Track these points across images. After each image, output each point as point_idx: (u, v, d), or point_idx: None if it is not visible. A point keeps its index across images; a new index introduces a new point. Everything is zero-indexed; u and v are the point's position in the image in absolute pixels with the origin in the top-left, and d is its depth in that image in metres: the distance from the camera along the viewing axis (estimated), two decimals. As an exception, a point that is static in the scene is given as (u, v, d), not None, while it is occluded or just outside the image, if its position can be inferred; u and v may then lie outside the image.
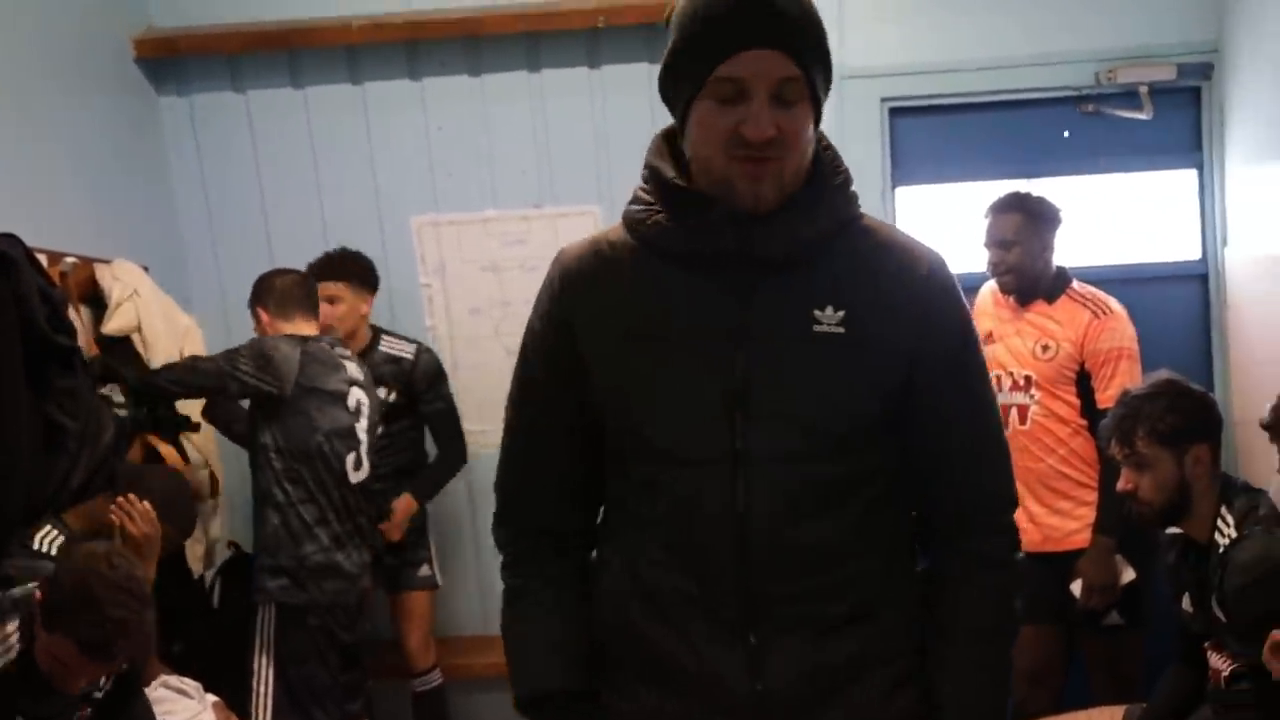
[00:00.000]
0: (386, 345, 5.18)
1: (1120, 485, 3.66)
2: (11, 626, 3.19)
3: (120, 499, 3.92)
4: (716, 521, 1.99)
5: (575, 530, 2.24)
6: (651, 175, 2.05)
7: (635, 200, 2.09)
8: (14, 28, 4.52)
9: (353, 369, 4.58)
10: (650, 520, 2.09)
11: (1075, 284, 4.49)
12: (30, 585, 3.28)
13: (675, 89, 1.96)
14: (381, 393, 4.93)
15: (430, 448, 5.30)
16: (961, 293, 2.10)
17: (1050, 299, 4.46)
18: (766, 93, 1.85)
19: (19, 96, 4.50)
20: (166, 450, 4.43)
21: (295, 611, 4.36)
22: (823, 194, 2.01)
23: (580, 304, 2.09)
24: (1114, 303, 4.43)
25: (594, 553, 2.27)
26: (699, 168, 1.96)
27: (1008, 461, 2.19)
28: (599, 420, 2.13)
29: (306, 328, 4.58)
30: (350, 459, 4.50)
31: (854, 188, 2.10)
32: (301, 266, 4.94)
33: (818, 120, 1.97)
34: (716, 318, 2.01)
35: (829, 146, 2.05)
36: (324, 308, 4.82)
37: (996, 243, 4.45)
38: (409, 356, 5.15)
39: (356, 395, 4.51)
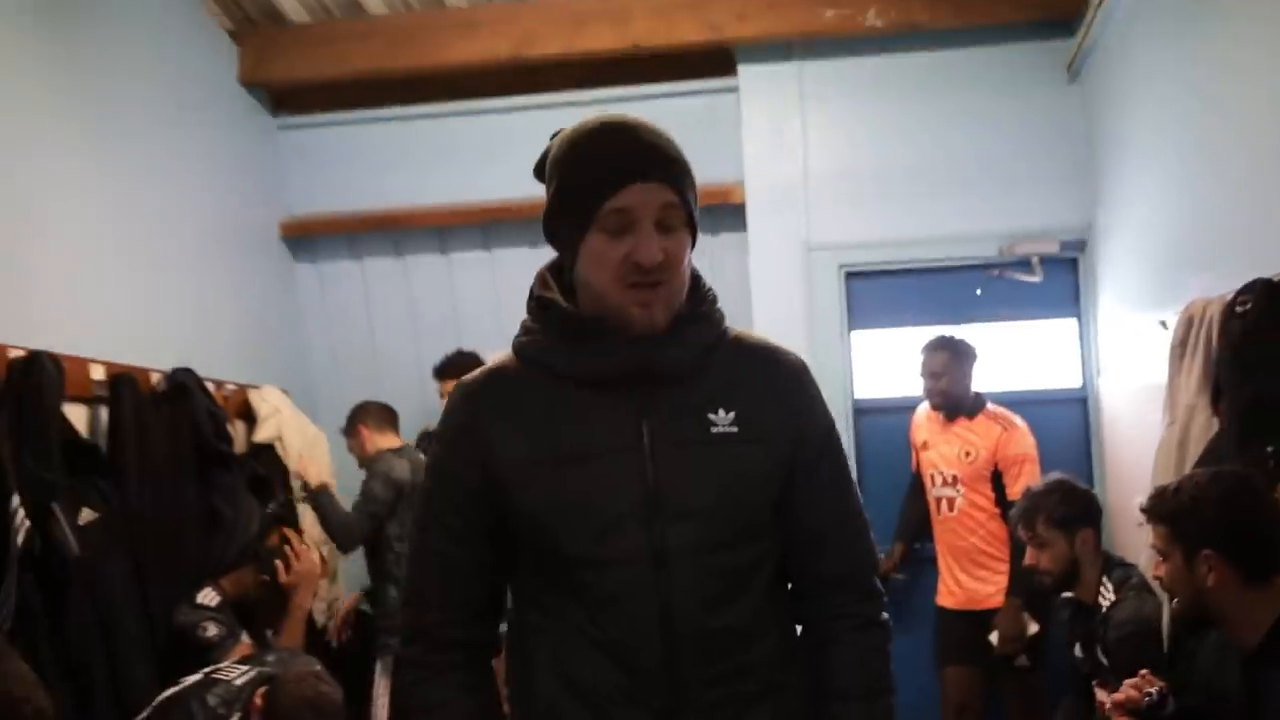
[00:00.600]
0: None
1: (1026, 560, 3.63)
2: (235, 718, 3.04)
3: (292, 539, 3.91)
4: (643, 617, 1.74)
5: (484, 641, 1.89)
6: (541, 306, 1.84)
7: (526, 331, 1.86)
8: (192, 215, 4.59)
9: None
10: (574, 622, 1.78)
11: (989, 405, 4.49)
12: (249, 680, 3.10)
13: (563, 227, 1.77)
14: None
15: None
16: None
17: (970, 416, 4.46)
18: (651, 220, 1.69)
19: (194, 266, 4.57)
20: (294, 537, 4.41)
21: None
22: (701, 309, 1.82)
23: (491, 429, 1.79)
24: (1018, 419, 4.44)
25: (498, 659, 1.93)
26: (591, 296, 1.76)
27: (869, 531, 1.93)
28: (509, 536, 1.82)
29: (395, 440, 4.68)
30: None
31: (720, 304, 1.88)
32: (401, 393, 4.95)
33: (694, 243, 1.79)
34: (625, 432, 1.77)
35: (693, 268, 1.83)
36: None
37: (930, 374, 4.47)
38: None
39: None
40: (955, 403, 4.47)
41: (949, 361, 4.45)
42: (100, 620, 3.27)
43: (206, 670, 3.15)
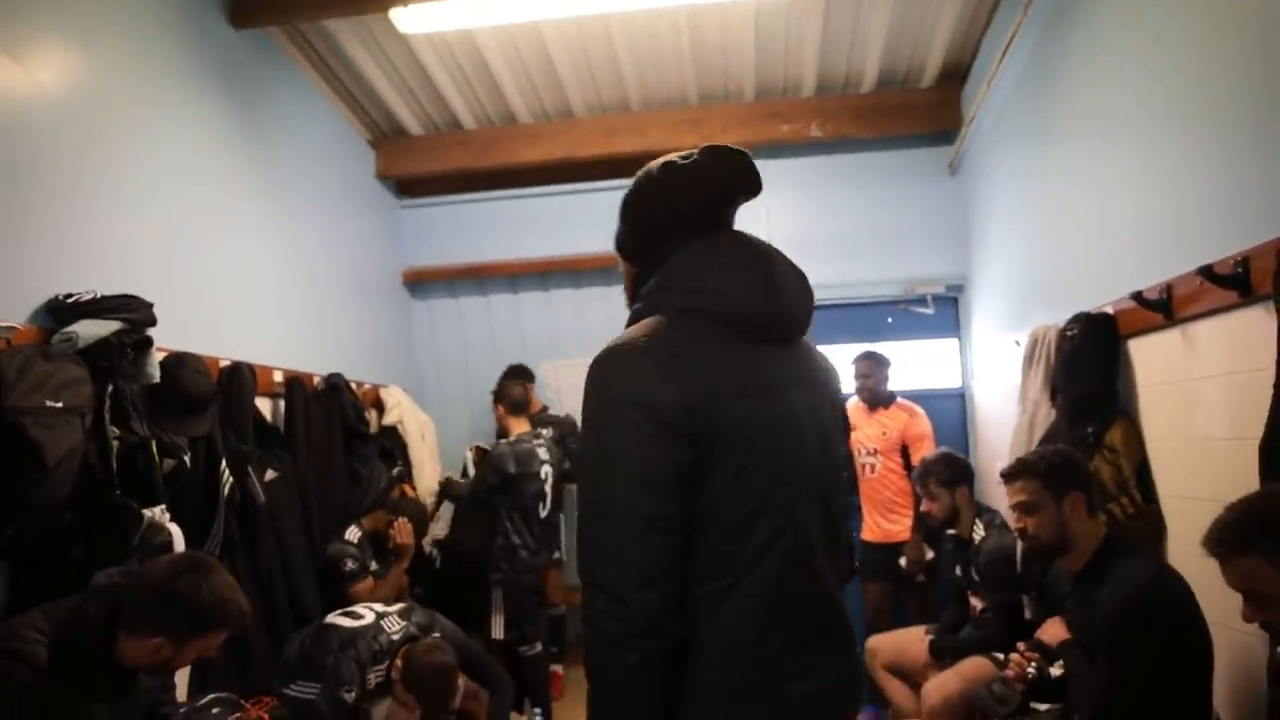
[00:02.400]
0: (552, 410, 5.11)
1: (923, 508, 3.66)
2: (380, 668, 3.02)
3: (395, 522, 3.87)
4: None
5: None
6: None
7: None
8: (343, 267, 4.60)
9: (542, 453, 4.27)
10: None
11: (899, 399, 4.49)
12: (401, 638, 3.09)
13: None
14: (548, 431, 4.53)
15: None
16: (590, 376, 1.41)
17: (886, 406, 4.46)
18: None
19: (344, 302, 4.57)
20: (410, 491, 4.42)
21: (509, 586, 4.24)
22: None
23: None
24: (919, 409, 4.44)
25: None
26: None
27: (582, 532, 1.34)
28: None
29: (523, 425, 4.41)
30: (540, 505, 4.28)
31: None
32: (482, 392, 4.86)
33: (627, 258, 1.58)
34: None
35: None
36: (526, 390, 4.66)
37: (859, 375, 4.46)
38: (563, 416, 4.98)
39: (545, 469, 4.27)
40: (876, 397, 4.46)
41: (872, 368, 4.45)
42: (279, 549, 3.29)
43: (378, 613, 3.13)
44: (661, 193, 1.51)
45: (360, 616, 3.13)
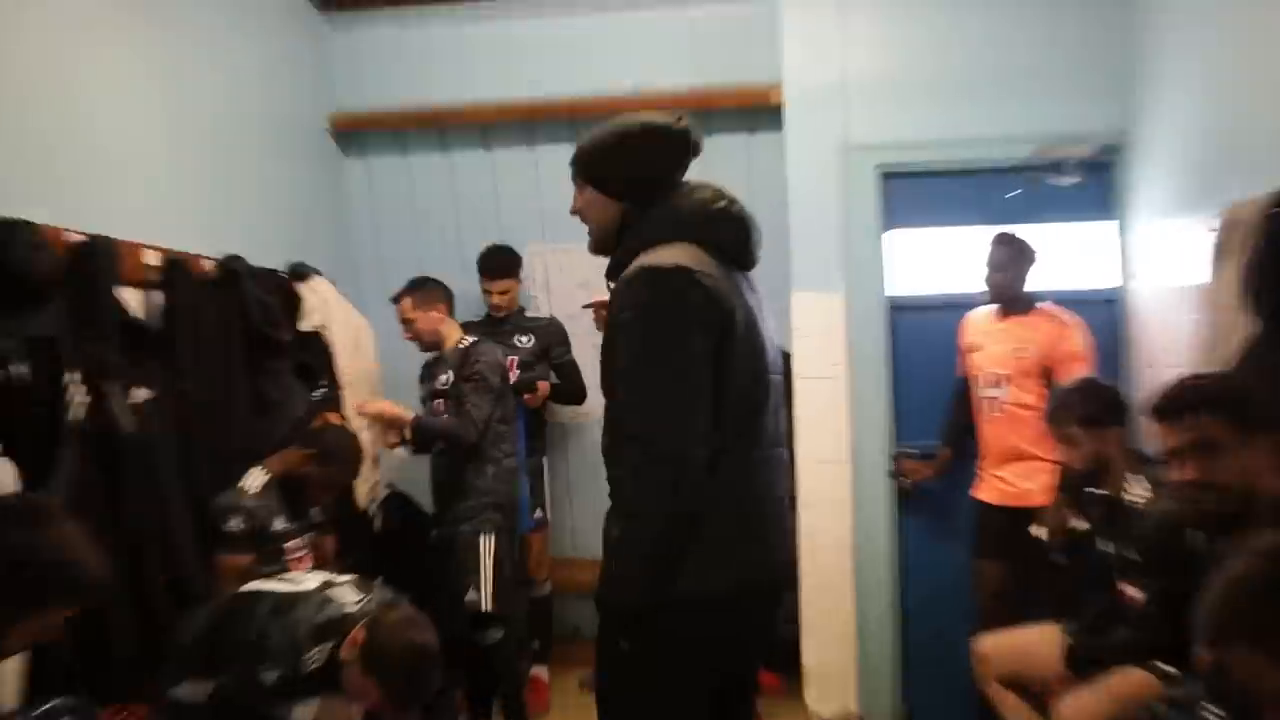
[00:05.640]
0: (530, 313, 5.34)
1: (1056, 456, 3.63)
2: (323, 647, 2.97)
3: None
4: None
5: None
6: None
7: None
8: (242, 107, 4.61)
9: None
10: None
11: (1041, 303, 4.46)
12: (349, 613, 3.04)
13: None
14: (526, 339, 5.13)
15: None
16: (638, 285, 2.36)
17: (1024, 313, 4.43)
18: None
19: (248, 156, 4.61)
20: (337, 419, 4.42)
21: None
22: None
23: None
24: (1071, 317, 4.41)
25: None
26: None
27: (641, 401, 2.34)
28: None
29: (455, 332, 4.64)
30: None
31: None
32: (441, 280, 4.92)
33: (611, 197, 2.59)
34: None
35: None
36: (500, 298, 5.07)
37: (992, 265, 4.45)
38: (546, 319, 5.27)
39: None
40: (1012, 297, 4.44)
41: (1011, 257, 4.43)
42: (152, 496, 3.31)
43: (323, 581, 3.14)
44: (659, 149, 2.58)
45: (297, 582, 3.16)
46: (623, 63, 5.27)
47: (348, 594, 3.10)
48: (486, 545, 4.34)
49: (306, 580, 3.16)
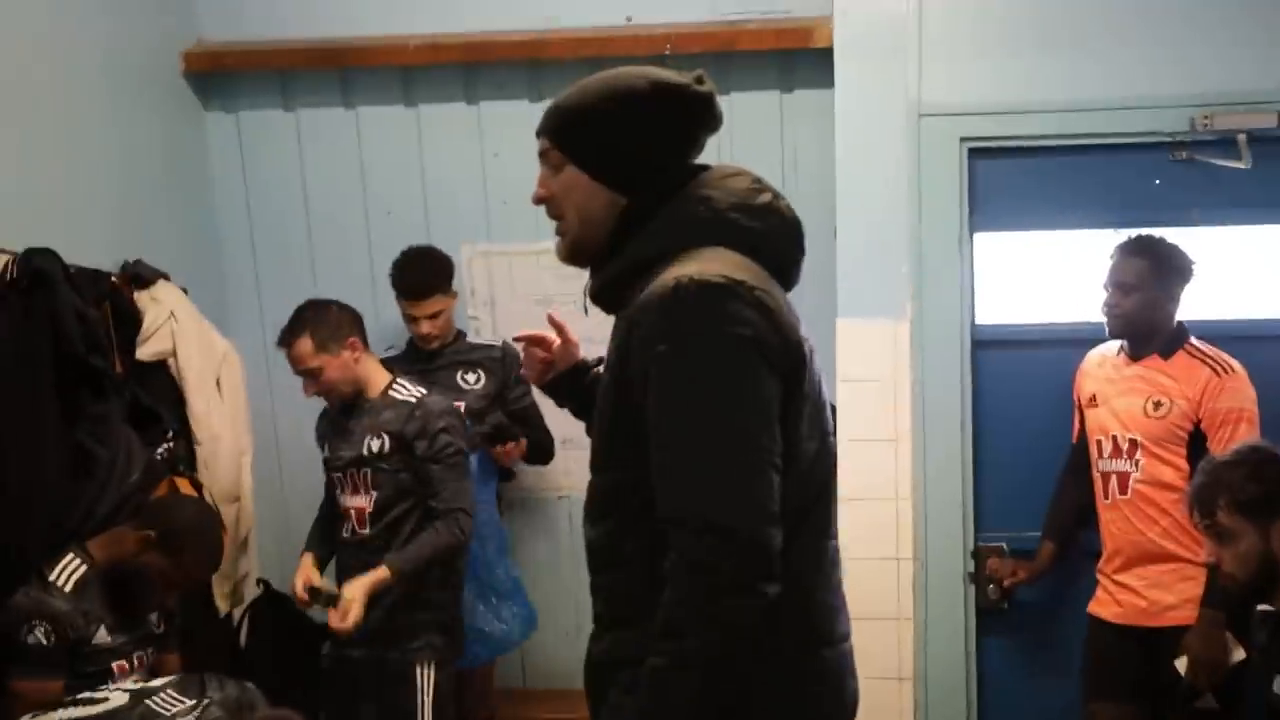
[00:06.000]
0: (472, 339, 5.27)
1: (1204, 557, 3.62)
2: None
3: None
4: None
5: None
6: None
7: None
8: (59, 38, 4.56)
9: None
10: None
11: (1193, 340, 4.43)
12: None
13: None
14: (474, 377, 5.07)
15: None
16: (679, 307, 2.20)
17: (1165, 354, 4.41)
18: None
19: (61, 108, 4.56)
20: (188, 486, 4.39)
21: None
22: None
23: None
24: (1235, 362, 4.37)
25: None
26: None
27: (689, 470, 2.19)
28: None
29: (381, 374, 4.58)
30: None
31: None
32: (346, 290, 4.90)
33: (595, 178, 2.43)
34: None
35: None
36: (430, 324, 4.95)
37: (1116, 284, 4.41)
38: (498, 346, 5.16)
39: None
40: (1145, 332, 4.42)
41: (1148, 272, 4.38)
42: None
43: (139, 687, 3.17)
44: (675, 120, 2.46)
45: (97, 702, 3.18)
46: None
47: (170, 703, 3.13)
48: (424, 680, 4.30)
49: (111, 697, 3.16)
